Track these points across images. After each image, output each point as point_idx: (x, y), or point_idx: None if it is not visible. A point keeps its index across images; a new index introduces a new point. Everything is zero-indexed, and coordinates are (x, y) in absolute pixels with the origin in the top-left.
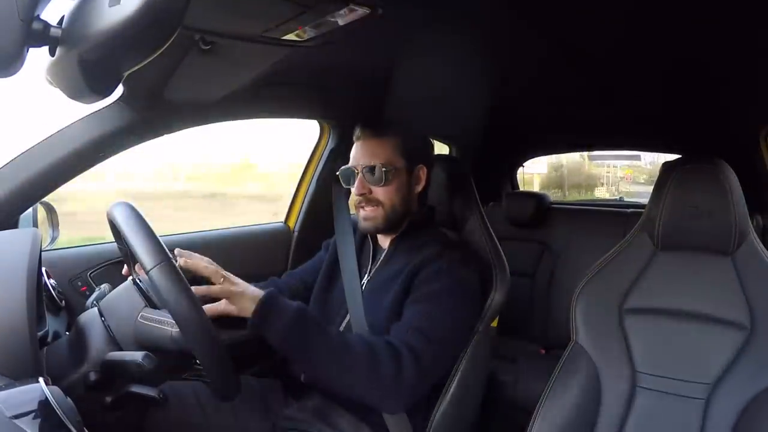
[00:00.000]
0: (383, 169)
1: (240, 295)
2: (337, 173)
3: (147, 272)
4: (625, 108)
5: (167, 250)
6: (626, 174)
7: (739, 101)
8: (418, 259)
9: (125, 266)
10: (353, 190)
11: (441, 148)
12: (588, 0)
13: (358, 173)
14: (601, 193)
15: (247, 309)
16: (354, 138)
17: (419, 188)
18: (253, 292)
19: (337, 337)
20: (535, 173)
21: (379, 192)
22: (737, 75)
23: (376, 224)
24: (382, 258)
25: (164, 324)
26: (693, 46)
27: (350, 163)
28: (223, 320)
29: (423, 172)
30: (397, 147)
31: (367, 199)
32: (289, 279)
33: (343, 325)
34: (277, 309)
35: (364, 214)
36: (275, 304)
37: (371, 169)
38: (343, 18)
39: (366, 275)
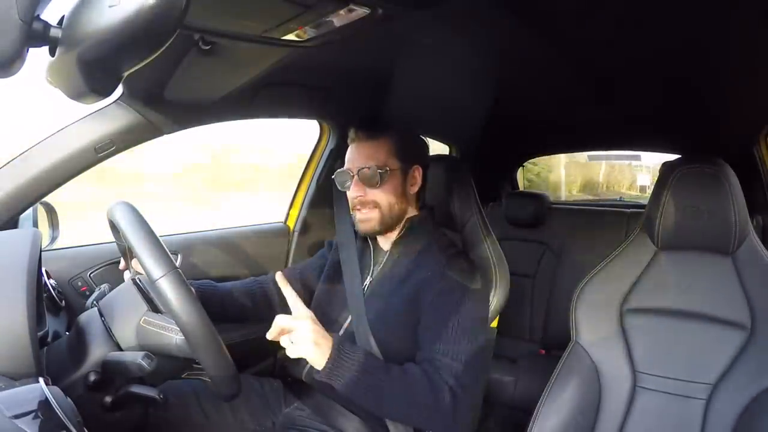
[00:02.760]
0: (378, 171)
1: (310, 343)
2: (333, 177)
3: (153, 282)
4: (626, 108)
5: (171, 257)
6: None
7: (739, 101)
8: (423, 270)
9: (122, 260)
10: (348, 192)
11: (441, 148)
12: (588, 1)
13: (353, 175)
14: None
15: (314, 360)
16: (348, 140)
17: (415, 189)
18: (323, 341)
19: (399, 376)
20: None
21: (375, 194)
22: (737, 75)
23: (372, 226)
24: (384, 261)
25: (168, 330)
26: (693, 46)
27: (345, 166)
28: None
29: (418, 173)
30: (391, 148)
31: (363, 201)
32: (289, 274)
33: (344, 327)
34: (346, 360)
35: (360, 217)
36: (344, 355)
37: (366, 171)
38: (343, 18)
39: (368, 277)
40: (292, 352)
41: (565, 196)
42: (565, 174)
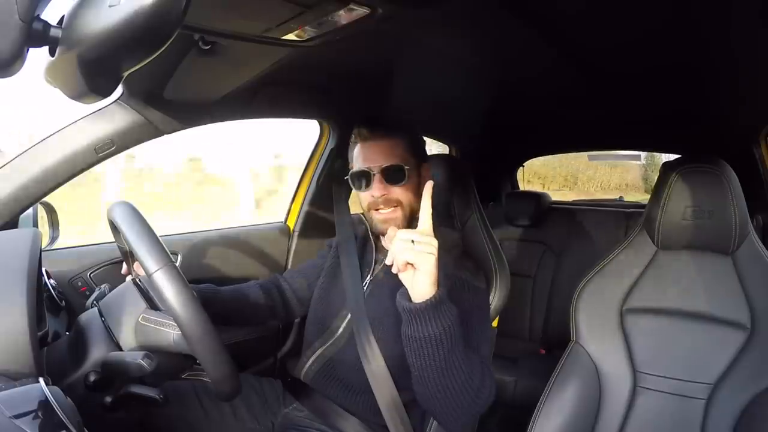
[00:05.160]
0: (405, 167)
1: (429, 269)
2: (346, 177)
3: (149, 275)
4: (626, 108)
5: (168, 253)
6: None
7: (739, 101)
8: None
9: (124, 265)
10: (370, 192)
11: (441, 148)
12: (587, 1)
13: (374, 174)
14: None
15: (421, 287)
16: (359, 138)
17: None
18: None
19: (468, 351)
20: None
21: (399, 192)
22: (737, 75)
23: (395, 225)
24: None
25: (165, 326)
26: (693, 46)
27: (361, 165)
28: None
29: (427, 171)
30: (407, 146)
31: (386, 200)
32: (292, 275)
33: (344, 325)
34: (449, 305)
35: (382, 217)
36: (447, 300)
37: (390, 169)
38: (343, 18)
39: (369, 276)
40: (405, 258)
41: None
42: None
